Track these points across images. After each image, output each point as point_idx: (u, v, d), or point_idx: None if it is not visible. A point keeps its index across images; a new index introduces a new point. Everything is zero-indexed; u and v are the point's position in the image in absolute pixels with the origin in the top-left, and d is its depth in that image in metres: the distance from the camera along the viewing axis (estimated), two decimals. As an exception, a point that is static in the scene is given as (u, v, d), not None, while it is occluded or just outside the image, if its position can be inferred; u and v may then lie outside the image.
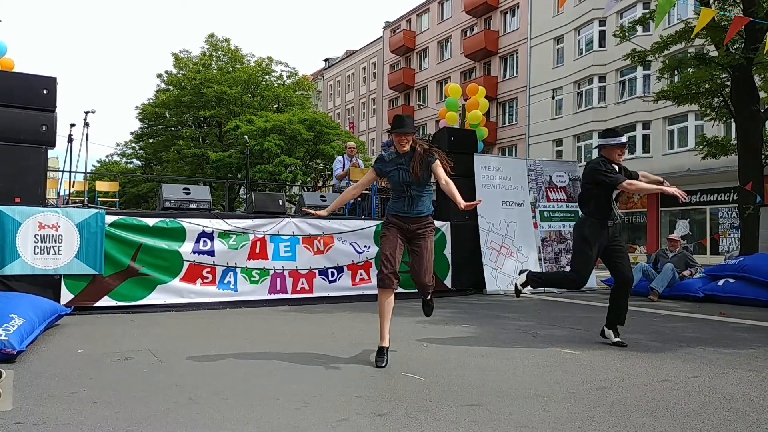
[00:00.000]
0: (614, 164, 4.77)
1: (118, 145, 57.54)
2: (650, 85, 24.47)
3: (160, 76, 37.49)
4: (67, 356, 4.21)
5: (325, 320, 6.29)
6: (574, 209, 10.04)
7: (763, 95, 12.60)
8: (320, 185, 28.94)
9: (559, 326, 5.93)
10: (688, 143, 23.40)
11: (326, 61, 55.37)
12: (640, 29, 16.10)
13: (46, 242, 6.28)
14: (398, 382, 3.57)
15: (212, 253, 7.20)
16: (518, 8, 32.71)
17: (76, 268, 6.39)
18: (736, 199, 15.00)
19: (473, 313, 6.98)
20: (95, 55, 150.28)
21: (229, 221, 7.41)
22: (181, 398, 3.12)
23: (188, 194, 7.53)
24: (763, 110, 11.96)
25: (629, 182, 4.62)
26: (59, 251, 6.33)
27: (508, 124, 33.76)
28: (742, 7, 11.39)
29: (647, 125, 25.52)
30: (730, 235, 22.28)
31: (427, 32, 40.38)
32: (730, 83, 12.05)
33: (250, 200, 8.15)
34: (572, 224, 9.93)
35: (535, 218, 10.08)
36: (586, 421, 2.80)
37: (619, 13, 26.03)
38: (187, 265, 7.03)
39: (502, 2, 33.84)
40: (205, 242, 7.17)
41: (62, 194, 10.58)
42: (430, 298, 4.45)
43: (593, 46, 27.82)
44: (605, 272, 6.00)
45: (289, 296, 7.63)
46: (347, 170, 9.95)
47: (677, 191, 4.47)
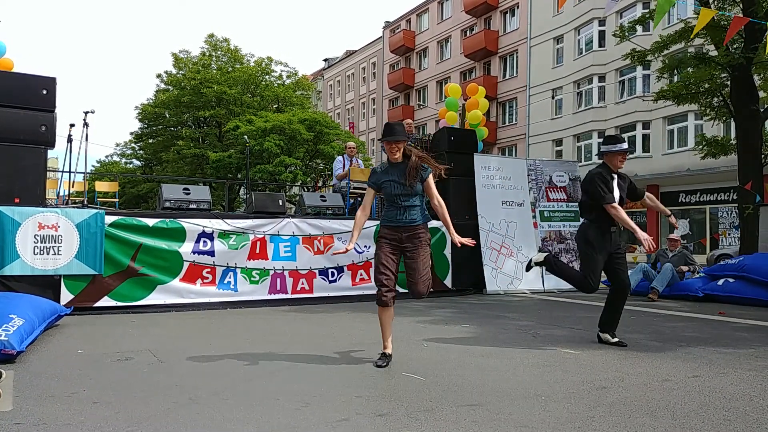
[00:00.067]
0: (615, 172, 4.80)
1: (117, 145, 57.65)
2: (650, 84, 24.47)
3: (159, 76, 37.53)
4: (67, 356, 4.21)
5: (325, 320, 6.29)
6: (574, 209, 10.04)
7: (762, 95, 12.59)
8: (320, 185, 28.95)
9: (559, 326, 5.93)
10: (687, 143, 23.42)
11: (326, 61, 55.37)
12: (639, 29, 16.07)
13: (45, 242, 6.28)
14: (398, 382, 3.57)
15: (212, 253, 7.20)
16: (518, 8, 32.73)
17: (75, 268, 6.39)
18: (735, 198, 15.00)
19: (473, 313, 6.98)
20: (95, 55, 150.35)
21: (229, 221, 7.42)
22: (181, 398, 3.12)
23: (188, 194, 7.53)
24: (762, 110, 11.95)
25: (613, 206, 4.65)
26: (59, 251, 6.34)
27: (508, 124, 33.77)
28: (741, 6, 11.39)
29: (647, 125, 25.54)
30: (729, 234, 22.27)
31: (426, 32, 40.39)
32: (729, 83, 12.05)
33: (250, 200, 8.16)
34: (572, 224, 9.99)
35: (535, 218, 10.08)
36: (586, 421, 2.80)
37: (618, 12, 26.04)
38: (187, 265, 7.04)
39: (502, 2, 33.86)
40: (205, 242, 7.18)
41: (62, 194, 10.59)
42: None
43: (593, 45, 27.83)
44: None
45: (289, 296, 7.64)
46: (347, 170, 9.95)
47: (647, 242, 4.50)
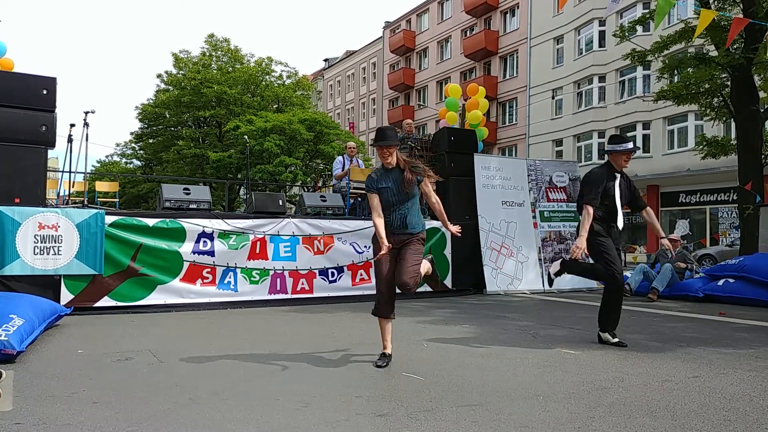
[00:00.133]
0: (618, 172, 4.85)
1: (117, 145, 57.58)
2: (650, 85, 24.47)
3: (159, 76, 37.50)
4: (67, 356, 4.21)
5: (325, 320, 6.29)
6: (574, 209, 10.03)
7: (762, 95, 12.58)
8: (320, 185, 28.91)
9: (559, 326, 5.93)
10: (688, 143, 23.42)
11: (326, 61, 55.35)
12: (640, 29, 16.07)
13: (45, 242, 6.28)
14: (398, 382, 3.57)
15: (212, 253, 7.20)
16: (518, 8, 32.72)
17: (75, 268, 6.39)
18: (735, 198, 14.99)
19: (473, 313, 6.98)
20: (95, 55, 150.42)
21: (229, 221, 7.42)
22: (181, 398, 3.13)
23: (188, 194, 7.53)
24: (762, 110, 11.94)
25: (587, 212, 4.75)
26: (59, 251, 6.34)
27: (508, 124, 33.76)
28: (741, 6, 11.38)
29: (647, 125, 25.53)
30: (729, 234, 22.27)
31: (427, 32, 40.38)
32: (729, 83, 12.05)
33: (250, 200, 8.16)
34: (572, 224, 9.98)
35: (535, 218, 10.09)
36: (586, 421, 2.80)
37: (619, 13, 26.02)
38: (187, 265, 7.04)
39: (502, 2, 33.85)
40: (205, 242, 7.18)
41: (62, 194, 10.57)
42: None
43: (593, 46, 27.83)
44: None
45: (289, 296, 7.64)
46: (347, 170, 9.94)
47: (578, 249, 4.65)
